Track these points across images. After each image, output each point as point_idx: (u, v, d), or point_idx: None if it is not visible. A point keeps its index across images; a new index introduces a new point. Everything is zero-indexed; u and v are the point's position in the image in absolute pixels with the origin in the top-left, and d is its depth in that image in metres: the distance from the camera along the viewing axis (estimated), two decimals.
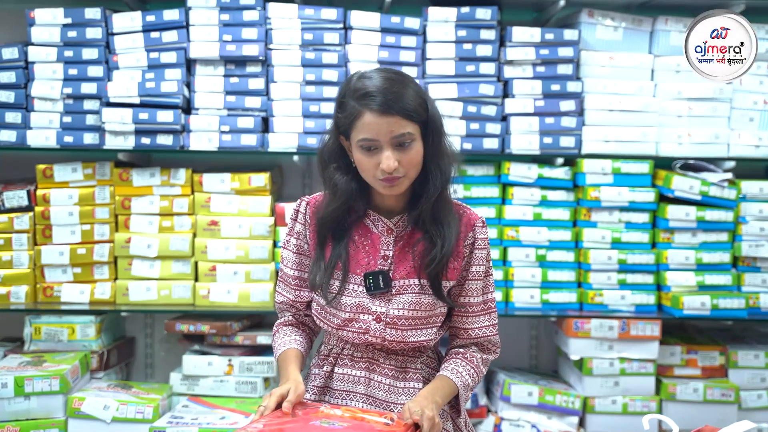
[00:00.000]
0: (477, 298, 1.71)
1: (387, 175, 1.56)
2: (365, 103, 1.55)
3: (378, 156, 1.56)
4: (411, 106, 1.56)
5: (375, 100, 1.54)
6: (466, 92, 2.92)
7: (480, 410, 2.93)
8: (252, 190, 2.94)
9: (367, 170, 1.58)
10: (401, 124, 1.54)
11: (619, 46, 2.98)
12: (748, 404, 2.94)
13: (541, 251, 2.95)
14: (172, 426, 2.55)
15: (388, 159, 1.54)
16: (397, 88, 1.56)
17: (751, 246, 2.95)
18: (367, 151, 1.56)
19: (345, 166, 1.65)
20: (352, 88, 1.59)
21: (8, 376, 2.58)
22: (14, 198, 2.94)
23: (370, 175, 1.58)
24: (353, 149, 1.60)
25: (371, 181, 1.60)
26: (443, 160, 1.63)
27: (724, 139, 2.97)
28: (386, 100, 1.54)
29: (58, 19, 2.88)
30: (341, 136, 1.64)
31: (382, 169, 1.55)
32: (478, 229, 1.70)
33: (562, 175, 2.96)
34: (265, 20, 2.90)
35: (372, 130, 1.54)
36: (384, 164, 1.54)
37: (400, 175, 1.57)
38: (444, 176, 1.63)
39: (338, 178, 1.64)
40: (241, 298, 2.91)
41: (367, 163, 1.57)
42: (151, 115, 2.84)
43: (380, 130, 1.54)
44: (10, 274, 2.92)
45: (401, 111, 1.54)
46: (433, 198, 1.61)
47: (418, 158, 1.59)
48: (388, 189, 1.59)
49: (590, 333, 2.89)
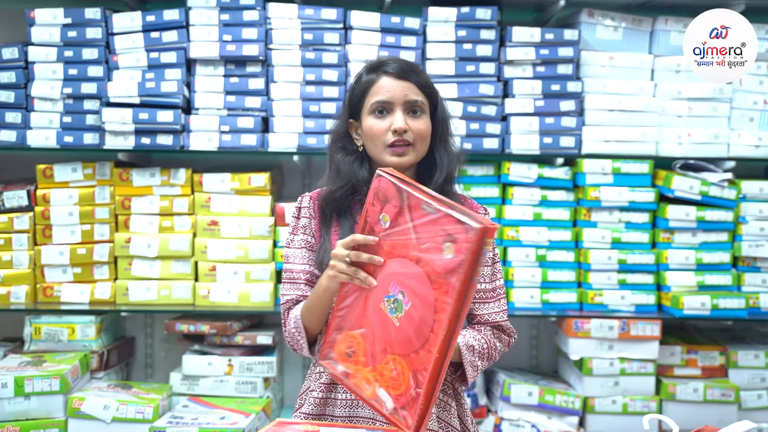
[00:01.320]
0: (486, 284, 1.69)
1: (397, 137, 1.59)
2: (383, 70, 1.63)
3: (389, 119, 1.61)
4: (425, 80, 1.65)
5: (392, 66, 1.63)
6: (466, 92, 2.92)
7: (480, 410, 2.93)
8: (252, 190, 2.94)
9: (377, 135, 1.61)
10: (415, 91, 1.63)
11: (619, 46, 2.98)
12: (748, 404, 2.94)
13: (541, 251, 2.96)
14: (172, 426, 2.56)
15: (399, 119, 1.60)
16: (411, 63, 1.67)
17: (751, 246, 2.95)
18: (379, 114, 1.62)
19: (350, 149, 1.69)
20: (367, 66, 1.68)
21: (8, 376, 2.58)
22: (14, 198, 2.94)
23: (380, 141, 1.61)
24: (364, 120, 1.63)
25: (380, 150, 1.62)
26: (450, 148, 1.69)
27: (724, 139, 2.97)
28: (402, 67, 1.63)
29: (58, 19, 2.88)
30: (350, 120, 1.68)
31: (393, 129, 1.59)
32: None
33: (562, 175, 2.96)
34: (265, 20, 2.90)
35: (387, 92, 1.61)
36: (396, 124, 1.59)
37: (410, 140, 1.60)
38: (451, 163, 1.67)
39: (341, 157, 1.68)
40: (241, 298, 2.91)
41: (377, 127, 1.61)
42: (151, 115, 2.84)
43: (395, 91, 1.61)
44: (10, 274, 2.92)
45: (416, 80, 1.63)
46: (439, 182, 1.64)
47: (427, 131, 1.64)
48: (396, 157, 1.61)
49: (590, 333, 2.89)
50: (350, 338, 1.52)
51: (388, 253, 1.47)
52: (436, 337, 1.39)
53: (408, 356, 1.43)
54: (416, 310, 1.41)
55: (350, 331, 1.52)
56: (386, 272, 1.47)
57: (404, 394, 1.43)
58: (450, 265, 1.36)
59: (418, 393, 1.42)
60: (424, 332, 1.41)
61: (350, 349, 1.51)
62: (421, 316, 1.41)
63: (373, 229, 1.50)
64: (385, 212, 1.47)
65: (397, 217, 1.45)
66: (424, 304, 1.41)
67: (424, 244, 1.41)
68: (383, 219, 1.47)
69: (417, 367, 1.42)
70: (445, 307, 1.38)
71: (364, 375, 1.48)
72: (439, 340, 1.38)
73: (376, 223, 1.49)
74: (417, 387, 1.42)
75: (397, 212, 1.45)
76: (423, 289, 1.41)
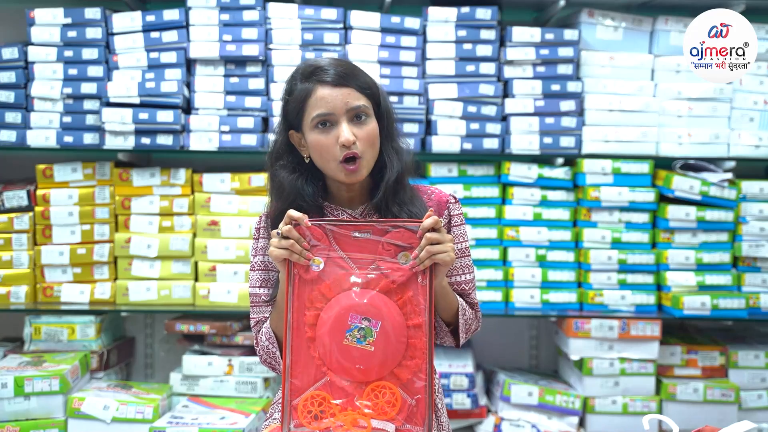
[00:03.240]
0: (463, 276, 1.69)
1: (346, 152, 1.51)
2: (317, 78, 1.53)
3: (335, 132, 1.52)
4: (363, 80, 1.55)
5: (327, 72, 1.53)
6: (466, 92, 2.92)
7: (480, 410, 2.93)
8: (252, 190, 2.94)
9: (326, 150, 1.54)
10: (356, 96, 1.53)
11: (619, 46, 2.98)
12: (748, 404, 2.93)
13: (541, 251, 2.96)
14: (172, 426, 2.55)
15: (345, 131, 1.51)
16: (346, 64, 1.56)
17: (751, 246, 2.95)
18: (322, 130, 1.53)
19: (292, 165, 1.61)
20: (300, 72, 1.57)
21: (8, 376, 2.58)
22: (14, 198, 2.94)
23: (330, 157, 1.54)
24: (308, 134, 1.56)
25: (332, 167, 1.55)
26: (397, 143, 1.62)
27: (724, 139, 2.97)
28: (338, 73, 1.53)
29: (58, 19, 2.88)
30: (290, 132, 1.60)
31: (341, 143, 1.51)
32: (452, 206, 1.69)
33: (562, 175, 2.96)
34: (265, 20, 2.90)
35: (327, 104, 1.52)
36: (342, 137, 1.51)
37: (358, 151, 1.52)
38: (401, 159, 1.61)
39: (284, 175, 1.59)
40: (241, 298, 2.91)
41: (324, 142, 1.53)
42: (151, 115, 2.84)
43: (335, 102, 1.52)
44: (10, 274, 2.92)
45: (355, 83, 1.54)
46: (392, 179, 1.58)
47: (375, 135, 1.56)
48: (348, 176, 1.54)
49: (590, 333, 2.89)
50: (310, 399, 1.47)
51: (331, 290, 1.49)
52: (416, 342, 1.46)
53: (391, 374, 1.46)
54: (388, 327, 1.45)
55: (307, 390, 1.47)
56: (338, 309, 1.47)
57: (402, 410, 1.46)
58: (412, 270, 1.46)
59: (418, 399, 1.44)
60: (401, 344, 1.46)
61: (318, 409, 1.46)
62: (395, 330, 1.46)
63: (303, 277, 1.50)
64: (316, 256, 1.48)
65: (329, 253, 1.48)
66: (394, 319, 1.46)
67: (370, 266, 1.47)
68: (314, 263, 1.49)
69: (404, 380, 1.46)
70: (418, 310, 1.46)
71: (349, 418, 1.45)
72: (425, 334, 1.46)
73: (308, 270, 1.49)
74: (413, 396, 1.44)
75: (328, 250, 1.48)
76: (386, 305, 1.46)
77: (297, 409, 1.47)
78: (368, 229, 1.48)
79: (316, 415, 1.46)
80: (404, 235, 1.47)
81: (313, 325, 1.48)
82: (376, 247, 1.48)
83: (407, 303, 1.47)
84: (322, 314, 1.48)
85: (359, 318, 1.46)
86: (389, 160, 1.60)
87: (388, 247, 1.47)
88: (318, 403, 1.46)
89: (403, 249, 1.47)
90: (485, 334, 2.99)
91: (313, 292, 1.49)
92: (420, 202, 1.63)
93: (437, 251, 1.46)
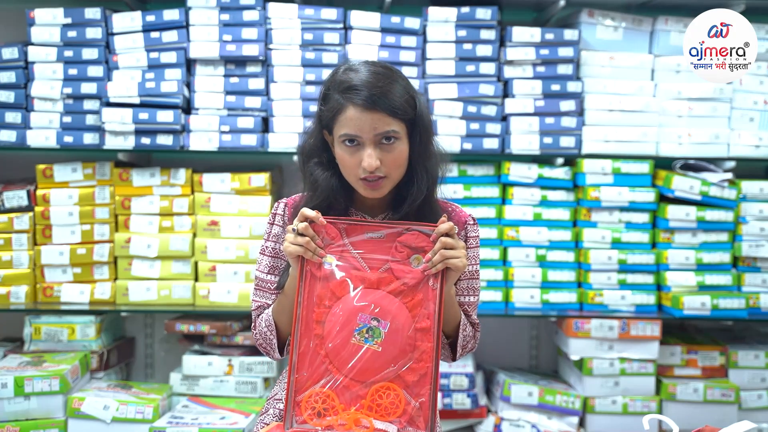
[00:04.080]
0: (470, 297, 1.70)
1: (368, 174, 1.50)
2: (349, 97, 1.49)
3: (360, 154, 1.50)
4: (397, 102, 1.49)
5: (359, 94, 1.47)
6: (466, 92, 2.92)
7: (480, 410, 2.93)
8: (252, 190, 2.94)
9: (349, 168, 1.53)
10: (386, 122, 1.49)
11: (619, 46, 2.98)
12: (748, 404, 2.93)
13: (541, 251, 2.96)
14: (172, 426, 2.55)
15: (369, 157, 1.49)
16: (383, 83, 1.49)
17: (751, 246, 2.95)
18: (348, 148, 1.51)
19: (327, 162, 1.60)
20: (337, 81, 1.53)
21: (8, 376, 2.58)
22: (14, 198, 2.94)
23: (352, 173, 1.54)
24: (335, 145, 1.55)
25: (352, 180, 1.55)
26: (430, 161, 1.58)
27: (724, 139, 2.97)
28: (371, 95, 1.47)
29: (58, 19, 2.88)
30: (324, 131, 1.59)
31: (363, 167, 1.50)
32: (470, 227, 1.68)
33: (562, 175, 2.96)
34: (265, 20, 2.90)
35: (355, 126, 1.49)
36: (365, 162, 1.49)
37: (382, 174, 1.51)
38: (430, 179, 1.58)
39: (319, 173, 1.59)
40: (241, 298, 2.91)
41: (348, 161, 1.52)
42: (151, 115, 2.84)
43: (363, 126, 1.48)
44: (10, 274, 2.92)
45: (387, 107, 1.48)
46: (417, 201, 1.56)
47: (403, 158, 1.53)
48: (369, 192, 1.54)
49: (590, 333, 2.89)
50: (315, 396, 1.46)
51: (342, 288, 1.49)
52: (423, 345, 1.46)
53: (397, 376, 1.46)
54: (397, 328, 1.46)
55: (312, 387, 1.47)
56: (347, 308, 1.48)
57: (405, 413, 1.46)
58: (424, 273, 1.47)
59: (422, 403, 1.45)
60: (409, 346, 1.47)
61: (321, 407, 1.46)
62: (403, 332, 1.46)
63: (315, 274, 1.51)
64: (329, 254, 1.49)
65: (342, 252, 1.49)
66: (402, 320, 1.47)
67: (381, 267, 1.48)
68: (327, 261, 1.50)
69: (409, 382, 1.46)
70: (427, 313, 1.46)
71: (351, 417, 1.45)
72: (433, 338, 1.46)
73: (320, 268, 1.50)
74: (417, 399, 1.45)
75: (342, 249, 1.49)
76: (395, 307, 1.47)
77: (300, 405, 1.47)
78: (382, 230, 1.48)
79: (319, 412, 1.46)
80: (417, 238, 1.48)
81: (322, 322, 1.49)
82: (389, 248, 1.48)
83: (417, 306, 1.48)
84: (332, 312, 1.48)
85: (368, 318, 1.46)
86: (418, 181, 1.57)
87: (401, 249, 1.48)
88: (322, 401, 1.46)
89: (415, 252, 1.48)
90: (485, 334, 2.99)
91: (324, 289, 1.49)
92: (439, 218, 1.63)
93: (450, 256, 1.46)
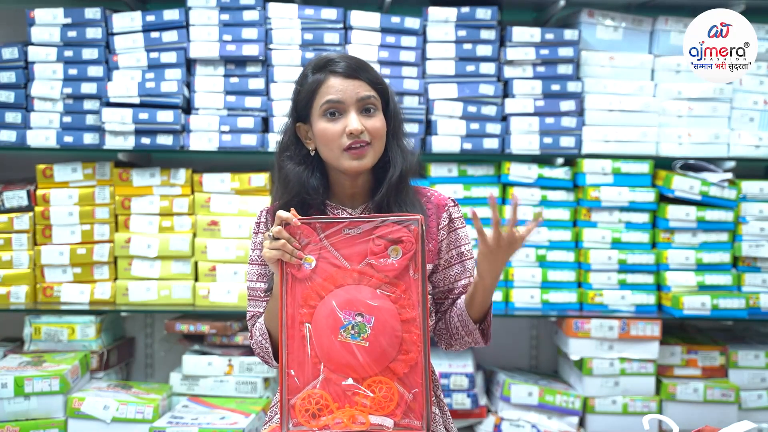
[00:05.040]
0: (464, 279, 1.69)
1: (353, 140, 1.53)
2: (330, 69, 1.56)
3: (343, 121, 1.55)
4: (375, 76, 1.59)
5: (339, 64, 1.56)
6: (466, 92, 2.92)
7: (480, 410, 2.93)
8: (252, 190, 2.94)
9: (332, 139, 1.55)
10: (366, 88, 1.57)
11: (619, 46, 2.98)
12: (748, 404, 2.93)
13: (541, 251, 2.96)
14: (172, 426, 2.56)
15: (353, 120, 1.54)
16: (358, 59, 1.60)
17: (751, 246, 2.95)
18: (331, 117, 1.55)
19: (299, 157, 1.62)
20: (312, 64, 1.60)
21: (8, 376, 2.58)
22: (14, 198, 2.94)
23: (335, 145, 1.55)
24: (315, 123, 1.57)
25: (336, 154, 1.56)
26: (403, 145, 1.63)
27: (724, 139, 2.97)
28: (350, 65, 1.57)
29: (58, 19, 2.88)
30: (298, 124, 1.62)
31: (349, 131, 1.53)
32: (452, 208, 1.69)
33: (562, 175, 2.96)
34: (265, 20, 2.90)
35: (337, 91, 1.55)
36: (351, 126, 1.53)
37: (367, 140, 1.55)
38: (405, 157, 1.62)
39: (290, 167, 1.61)
40: (241, 298, 2.91)
41: (331, 131, 1.55)
42: (151, 115, 2.84)
43: (346, 90, 1.55)
44: (10, 274, 2.92)
45: (366, 77, 1.57)
46: (395, 177, 1.59)
47: (382, 129, 1.58)
48: (355, 160, 1.55)
49: (590, 333, 2.89)
50: (308, 398, 1.47)
51: (324, 287, 1.50)
52: (410, 336, 1.47)
53: (387, 369, 1.46)
54: (382, 322, 1.46)
55: (305, 389, 1.47)
56: (331, 306, 1.48)
57: (399, 405, 1.46)
58: (403, 262, 1.47)
59: (415, 393, 1.45)
60: (396, 338, 1.47)
61: (316, 407, 1.46)
62: (388, 325, 1.46)
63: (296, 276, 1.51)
64: (307, 254, 1.49)
65: (320, 251, 1.49)
66: (387, 313, 1.47)
67: (361, 262, 1.48)
68: (306, 261, 1.49)
69: (400, 374, 1.46)
70: (411, 303, 1.47)
71: (347, 414, 1.45)
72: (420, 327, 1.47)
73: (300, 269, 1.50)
74: (410, 390, 1.45)
75: (320, 248, 1.49)
76: (379, 301, 1.47)
77: (295, 408, 1.47)
78: (359, 226, 1.49)
79: (314, 413, 1.46)
80: (394, 230, 1.48)
81: (308, 323, 1.49)
82: (366, 243, 1.48)
83: (400, 297, 1.48)
84: (316, 312, 1.48)
85: (353, 314, 1.47)
86: (393, 159, 1.61)
87: (378, 242, 1.48)
88: (315, 401, 1.46)
89: (393, 243, 1.48)
90: None
91: (307, 290, 1.49)
92: (419, 203, 1.64)
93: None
